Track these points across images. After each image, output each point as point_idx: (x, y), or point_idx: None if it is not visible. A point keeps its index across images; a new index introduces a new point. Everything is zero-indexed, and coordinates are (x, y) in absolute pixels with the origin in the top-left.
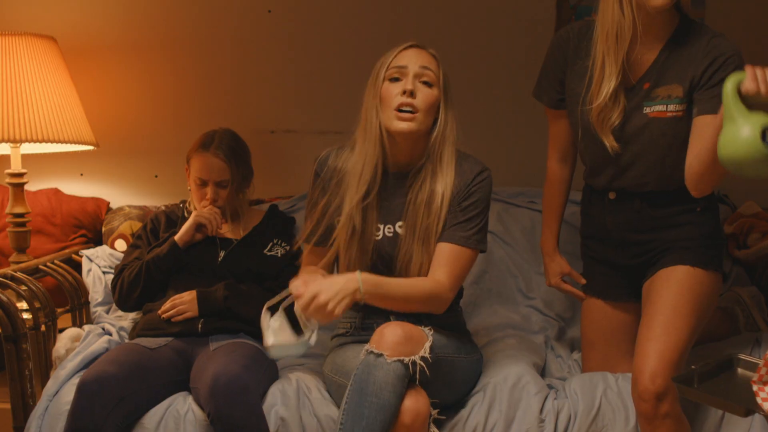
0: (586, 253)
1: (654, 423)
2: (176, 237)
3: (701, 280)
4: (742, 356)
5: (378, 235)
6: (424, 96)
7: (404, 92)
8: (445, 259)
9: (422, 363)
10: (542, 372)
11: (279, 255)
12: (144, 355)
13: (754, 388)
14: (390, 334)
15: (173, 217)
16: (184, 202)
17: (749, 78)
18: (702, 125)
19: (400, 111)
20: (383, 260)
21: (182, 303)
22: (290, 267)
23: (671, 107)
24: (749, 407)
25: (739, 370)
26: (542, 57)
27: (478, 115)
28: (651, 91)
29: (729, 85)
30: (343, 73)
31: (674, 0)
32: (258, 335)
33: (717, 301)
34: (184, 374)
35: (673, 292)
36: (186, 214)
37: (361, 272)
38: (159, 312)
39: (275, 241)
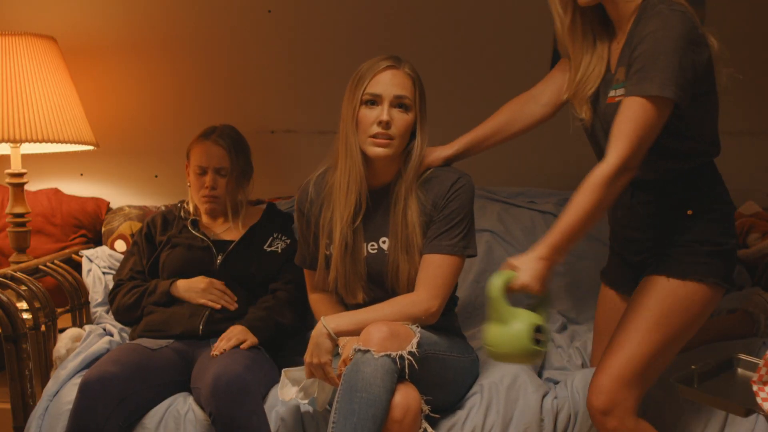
0: (609, 243)
1: None
2: (178, 290)
3: (676, 292)
4: (742, 356)
5: (363, 254)
6: (399, 123)
7: (380, 123)
8: (431, 273)
9: (410, 357)
10: (542, 364)
11: (279, 251)
12: (145, 355)
13: (754, 388)
14: (376, 332)
15: (170, 218)
16: (182, 201)
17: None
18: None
19: (376, 137)
20: (373, 277)
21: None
22: (290, 263)
23: (617, 91)
24: (749, 407)
25: (739, 370)
26: (541, 56)
27: (477, 114)
28: (615, 74)
29: (497, 282)
30: (343, 74)
31: None
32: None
33: (705, 312)
34: (185, 375)
35: (641, 304)
36: (183, 213)
37: (325, 316)
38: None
39: (275, 236)
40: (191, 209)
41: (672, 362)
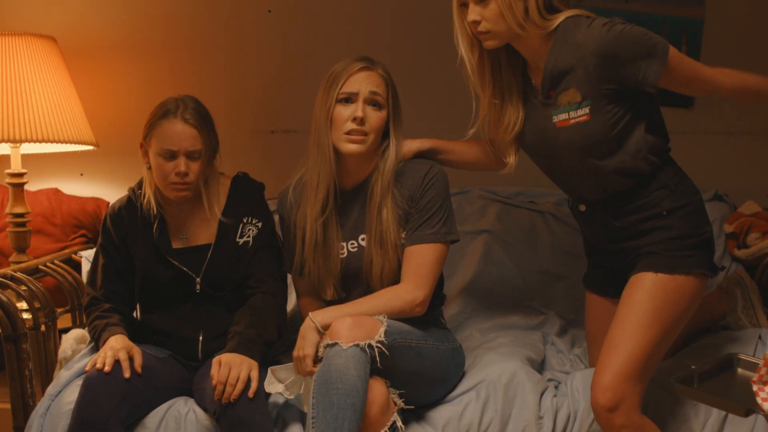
0: (586, 251)
1: None
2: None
3: (665, 286)
4: (742, 356)
5: (343, 253)
6: (373, 119)
7: (354, 119)
8: (414, 264)
9: (379, 346)
10: (542, 365)
11: (251, 241)
12: (150, 358)
13: (754, 388)
14: (341, 325)
15: (132, 219)
16: (140, 187)
17: None
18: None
19: (350, 134)
20: (352, 274)
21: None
22: (260, 253)
23: (572, 114)
24: (749, 407)
25: (739, 370)
26: None
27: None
28: (556, 98)
29: None
30: None
31: (505, 40)
32: None
33: (694, 304)
34: (187, 384)
35: (633, 301)
36: (146, 206)
37: (312, 312)
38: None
39: (245, 220)
40: (152, 201)
41: (670, 361)
